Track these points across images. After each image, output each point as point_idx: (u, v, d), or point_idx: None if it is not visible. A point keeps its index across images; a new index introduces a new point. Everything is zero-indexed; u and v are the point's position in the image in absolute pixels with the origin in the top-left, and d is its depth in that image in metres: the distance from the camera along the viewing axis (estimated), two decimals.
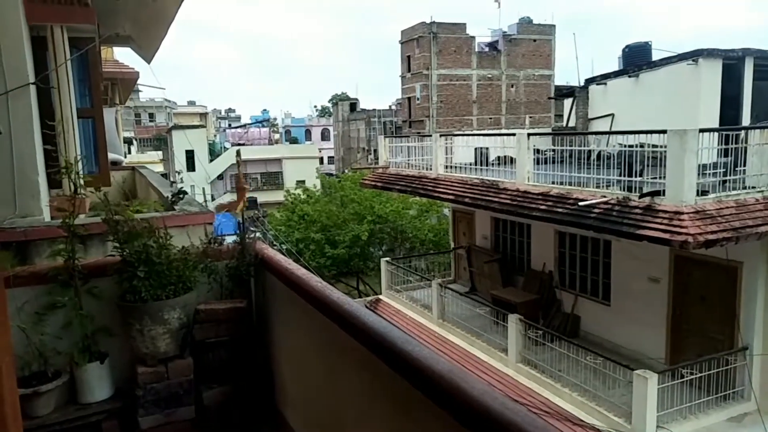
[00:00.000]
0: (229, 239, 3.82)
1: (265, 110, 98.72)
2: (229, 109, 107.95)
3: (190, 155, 37.71)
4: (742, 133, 8.73)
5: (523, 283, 12.84)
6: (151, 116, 61.89)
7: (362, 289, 23.85)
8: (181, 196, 4.68)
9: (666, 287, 9.65)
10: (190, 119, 60.38)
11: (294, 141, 73.18)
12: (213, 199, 33.35)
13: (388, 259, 15.95)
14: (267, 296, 3.48)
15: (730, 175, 8.25)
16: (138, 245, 3.15)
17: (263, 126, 69.52)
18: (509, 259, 13.61)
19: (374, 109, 62.14)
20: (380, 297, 15.44)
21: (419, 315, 13.47)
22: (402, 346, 1.91)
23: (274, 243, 18.47)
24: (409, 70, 47.67)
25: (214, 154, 42.76)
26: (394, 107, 61.97)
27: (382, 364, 1.97)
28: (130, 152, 39.11)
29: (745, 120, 12.86)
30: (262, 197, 38.67)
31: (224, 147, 51.35)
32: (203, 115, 66.75)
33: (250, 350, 3.39)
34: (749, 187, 8.19)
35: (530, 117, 46.87)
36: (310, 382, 2.90)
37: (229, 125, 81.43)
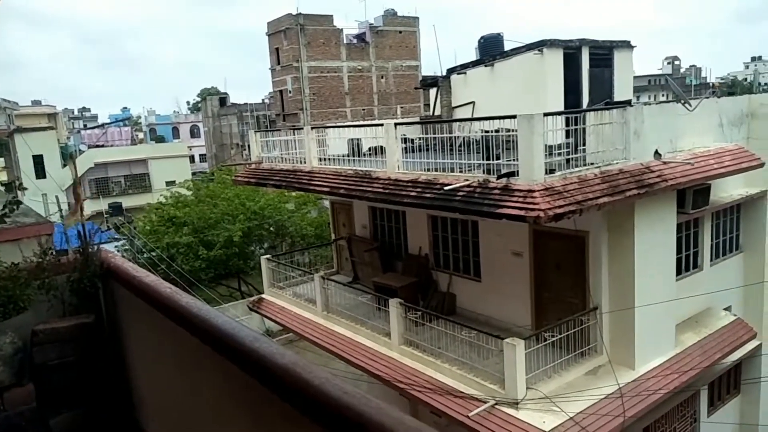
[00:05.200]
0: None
1: (125, 108, 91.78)
2: (84, 108, 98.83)
3: (38, 161, 33.96)
4: (582, 115, 9.64)
5: (402, 267, 13.25)
6: None
7: (245, 290, 23.17)
8: (13, 207, 4.18)
9: (528, 260, 10.48)
10: (36, 121, 54.16)
11: (160, 140, 68.78)
12: (69, 207, 30.32)
13: (268, 256, 15.61)
14: (118, 308, 3.24)
15: (573, 154, 9.08)
16: None
17: (124, 125, 64.48)
18: (388, 246, 13.95)
19: (246, 103, 60.24)
20: (263, 296, 15.10)
21: (304, 309, 13.38)
22: (250, 344, 1.88)
23: (142, 250, 17.25)
24: (278, 63, 46.76)
25: (67, 158, 38.86)
26: (267, 101, 60.54)
27: (232, 365, 1.92)
28: None
29: (585, 104, 14.23)
30: (127, 202, 36.01)
31: (79, 150, 46.89)
32: (52, 116, 60.23)
33: (102, 367, 3.14)
34: (589, 164, 9.03)
35: (401, 107, 48.24)
36: (169, 393, 2.76)
37: (85, 126, 74.50)
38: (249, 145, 16.82)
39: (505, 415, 7.82)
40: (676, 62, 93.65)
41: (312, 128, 13.52)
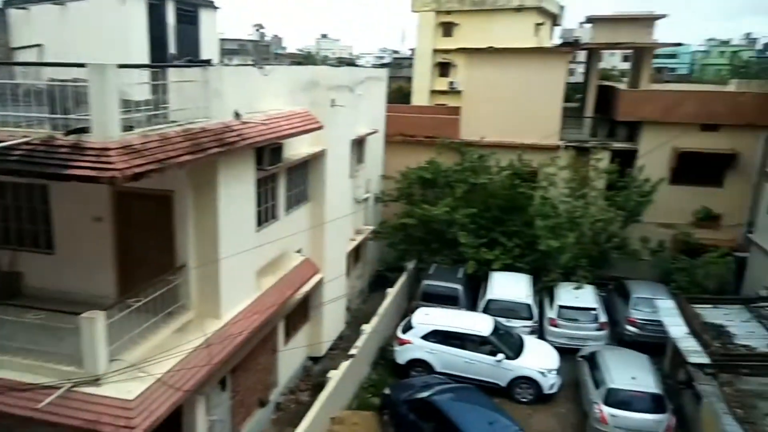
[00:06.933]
0: None
1: None
2: None
3: None
4: (163, 71, 9.33)
5: None
6: None
7: None
8: None
9: (110, 224, 9.78)
10: None
11: None
12: None
13: None
14: None
15: (158, 111, 8.74)
16: None
17: None
18: None
19: None
20: None
21: None
22: None
23: None
24: None
25: None
26: None
27: None
28: None
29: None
30: None
31: None
32: None
33: None
34: (171, 122, 8.86)
35: None
36: None
37: None
38: None
39: (84, 395, 7.24)
40: (262, 30, 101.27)
41: None
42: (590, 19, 23.50)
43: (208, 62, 10.55)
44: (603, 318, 15.83)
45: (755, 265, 16.94)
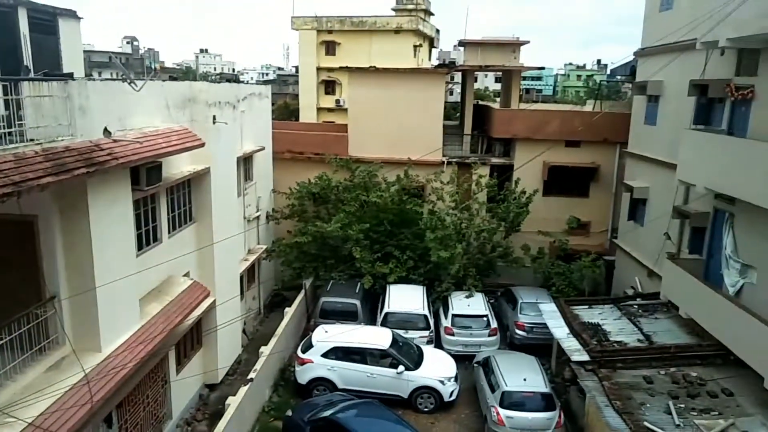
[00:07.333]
0: None
1: None
2: None
3: None
4: (13, 84, 8.39)
5: None
6: None
7: None
8: None
9: None
10: None
11: None
12: None
13: None
14: None
15: (13, 128, 7.79)
16: None
17: None
18: None
19: None
20: None
21: None
22: None
23: None
24: None
25: None
26: None
27: None
28: None
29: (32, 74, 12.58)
30: None
31: None
32: None
33: None
34: (29, 140, 8.00)
35: None
36: None
37: None
38: None
39: None
40: (135, 43, 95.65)
41: None
42: (462, 43, 24.85)
43: (70, 76, 9.63)
44: (494, 324, 16.54)
45: (621, 267, 18.70)
